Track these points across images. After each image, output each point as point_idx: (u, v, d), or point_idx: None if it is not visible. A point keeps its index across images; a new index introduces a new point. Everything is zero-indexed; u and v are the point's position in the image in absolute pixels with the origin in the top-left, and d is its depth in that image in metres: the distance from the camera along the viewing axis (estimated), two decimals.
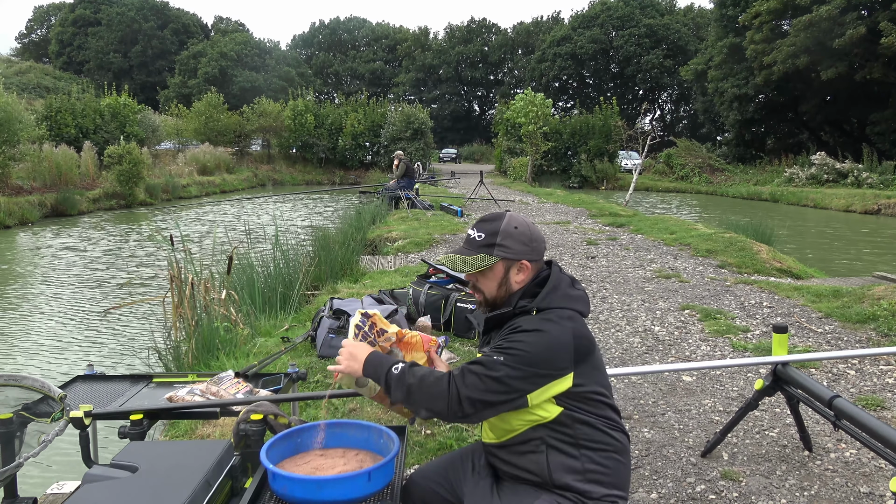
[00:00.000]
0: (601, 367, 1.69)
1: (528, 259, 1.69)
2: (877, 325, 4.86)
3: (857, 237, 14.59)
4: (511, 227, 1.69)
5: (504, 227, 1.69)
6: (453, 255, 1.73)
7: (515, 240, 1.68)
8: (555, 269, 1.73)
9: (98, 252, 11.65)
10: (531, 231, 1.71)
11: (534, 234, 1.71)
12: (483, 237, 1.69)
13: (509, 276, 1.69)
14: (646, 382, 3.90)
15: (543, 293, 1.66)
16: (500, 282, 1.69)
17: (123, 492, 1.48)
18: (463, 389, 1.55)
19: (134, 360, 5.67)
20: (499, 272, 1.69)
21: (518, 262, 1.68)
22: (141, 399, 2.45)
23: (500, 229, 1.68)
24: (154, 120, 30.68)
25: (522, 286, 1.70)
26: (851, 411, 2.32)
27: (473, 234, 1.71)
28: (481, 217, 1.76)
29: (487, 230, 1.69)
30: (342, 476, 1.59)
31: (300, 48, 72.26)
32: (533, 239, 1.70)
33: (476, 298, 1.77)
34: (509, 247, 1.67)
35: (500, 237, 1.67)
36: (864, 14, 25.33)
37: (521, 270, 1.69)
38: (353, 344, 1.73)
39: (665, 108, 59.21)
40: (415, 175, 17.00)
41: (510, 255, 1.67)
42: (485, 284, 1.71)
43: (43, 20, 69.46)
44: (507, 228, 1.68)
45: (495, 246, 1.67)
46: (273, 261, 6.57)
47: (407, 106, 37.50)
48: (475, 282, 1.74)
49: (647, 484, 2.76)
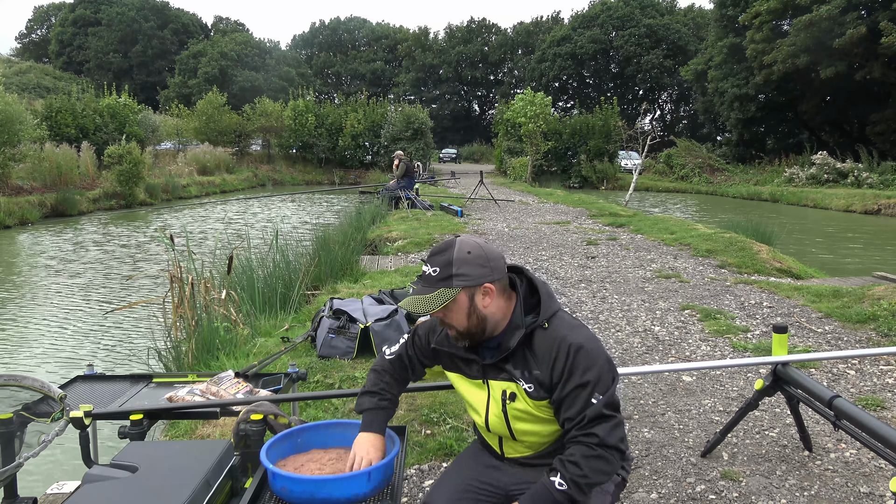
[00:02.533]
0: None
1: (490, 281, 1.62)
2: (877, 325, 4.86)
3: (858, 237, 14.59)
4: (464, 254, 1.61)
5: (457, 255, 1.60)
6: (413, 297, 1.64)
7: (472, 265, 1.60)
8: (530, 274, 1.72)
9: (98, 252, 11.65)
10: (485, 251, 1.64)
11: (489, 254, 1.64)
12: (438, 271, 1.61)
13: (475, 303, 1.62)
14: (646, 382, 3.90)
15: (544, 303, 1.65)
16: (467, 312, 1.62)
17: (123, 492, 1.48)
18: (610, 440, 1.56)
19: (134, 361, 5.66)
20: (463, 303, 1.62)
21: (481, 287, 1.61)
22: (141, 399, 2.45)
23: (453, 259, 1.60)
24: (154, 120, 30.67)
25: (495, 309, 1.64)
26: (851, 411, 2.32)
27: (428, 271, 1.63)
28: (431, 250, 1.68)
29: (441, 262, 1.62)
30: (342, 476, 1.59)
31: (300, 48, 72.28)
32: (489, 259, 1.63)
33: (451, 334, 1.70)
34: (467, 274, 1.60)
35: (456, 267, 1.59)
36: (864, 14, 25.33)
37: (486, 294, 1.62)
38: None
39: (665, 108, 59.21)
40: (415, 175, 17.00)
41: (470, 282, 1.60)
42: (453, 318, 1.64)
43: (43, 20, 69.50)
44: (461, 256, 1.60)
45: (452, 277, 1.59)
46: (273, 261, 6.57)
47: (407, 106, 37.51)
48: (443, 318, 1.66)
49: (647, 484, 2.76)
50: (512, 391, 1.68)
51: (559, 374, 1.59)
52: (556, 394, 1.61)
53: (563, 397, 1.59)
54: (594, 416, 1.56)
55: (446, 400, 3.50)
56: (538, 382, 1.63)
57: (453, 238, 1.67)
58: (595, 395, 1.56)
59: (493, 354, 1.69)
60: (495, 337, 1.68)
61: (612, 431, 1.57)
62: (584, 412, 1.57)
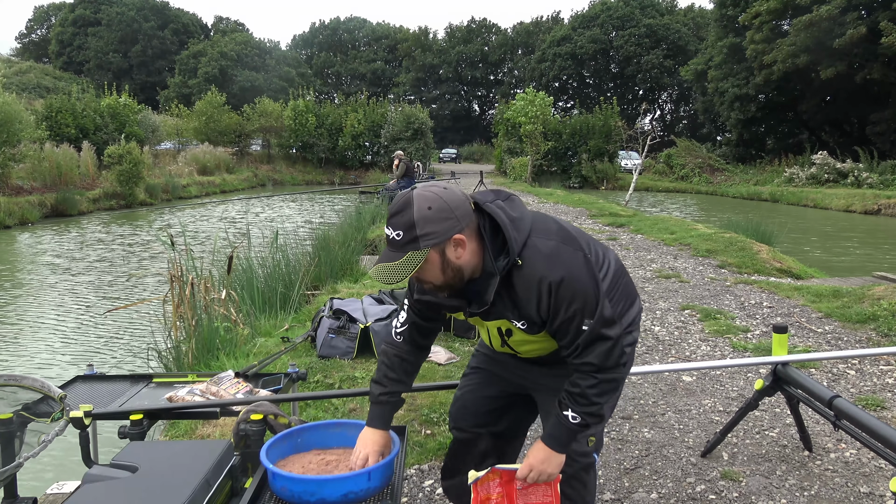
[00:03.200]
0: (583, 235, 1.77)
1: (458, 231, 1.50)
2: (877, 325, 4.86)
3: (857, 237, 14.58)
4: (425, 210, 1.48)
5: (417, 215, 1.48)
6: (381, 265, 1.52)
7: (436, 221, 1.48)
8: (490, 209, 1.57)
9: (98, 252, 11.65)
10: (447, 201, 1.50)
11: (451, 202, 1.51)
12: (402, 234, 1.49)
13: (447, 257, 1.52)
14: (646, 382, 3.90)
15: (510, 239, 1.54)
16: (441, 267, 1.53)
17: (123, 492, 1.48)
18: (608, 363, 1.61)
19: (134, 360, 5.66)
20: (435, 260, 1.52)
21: (451, 240, 1.50)
22: (141, 399, 2.45)
23: (414, 219, 1.48)
24: (154, 120, 30.66)
25: (469, 256, 1.55)
26: (851, 411, 2.32)
27: (392, 234, 1.51)
28: (390, 210, 1.55)
29: (403, 224, 1.49)
30: (342, 476, 1.59)
31: (300, 48, 72.29)
32: (453, 208, 1.50)
33: (428, 288, 1.63)
34: (433, 231, 1.48)
35: (419, 227, 1.47)
36: (864, 14, 25.32)
37: (458, 245, 1.52)
38: (541, 460, 1.69)
39: (665, 108, 59.20)
40: (415, 175, 17.00)
41: (438, 239, 1.48)
42: (428, 276, 1.56)
43: (43, 20, 69.50)
44: (422, 214, 1.48)
45: (418, 239, 1.48)
46: (273, 261, 6.57)
47: (407, 106, 37.51)
48: (417, 279, 1.58)
49: (647, 484, 2.76)
50: (507, 328, 1.71)
51: (545, 311, 1.58)
52: (548, 327, 1.63)
53: (556, 330, 1.62)
54: (587, 343, 1.59)
55: (446, 400, 3.50)
56: (530, 320, 1.62)
57: (410, 193, 1.53)
58: (585, 322, 1.57)
59: (477, 302, 1.63)
60: (476, 281, 1.61)
61: (608, 355, 1.60)
62: (576, 341, 1.60)
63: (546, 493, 1.74)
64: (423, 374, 3.98)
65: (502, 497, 1.73)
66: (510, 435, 2.05)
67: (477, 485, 1.71)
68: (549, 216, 1.73)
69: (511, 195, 1.67)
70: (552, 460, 1.68)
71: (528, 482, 1.71)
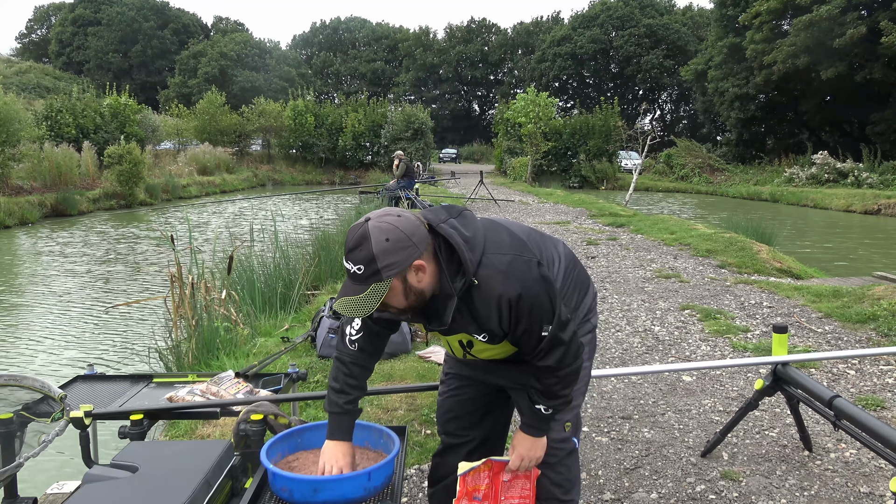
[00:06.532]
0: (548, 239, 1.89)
1: (418, 256, 1.51)
2: (877, 325, 4.86)
3: (857, 237, 14.58)
4: (383, 242, 1.47)
5: (376, 249, 1.47)
6: (345, 299, 1.51)
7: (395, 252, 1.48)
8: (443, 230, 1.57)
9: (98, 252, 11.65)
10: (402, 229, 1.50)
11: (407, 230, 1.51)
12: (363, 269, 1.48)
13: (409, 283, 1.53)
14: (646, 382, 3.90)
15: (465, 260, 1.54)
16: (404, 293, 1.55)
17: (123, 492, 1.48)
18: (567, 360, 1.68)
19: (134, 360, 5.66)
20: (398, 287, 1.53)
21: (411, 267, 1.51)
22: (141, 399, 2.45)
23: (374, 253, 1.47)
24: (154, 120, 30.64)
25: (430, 278, 1.56)
26: (851, 411, 2.32)
27: (353, 269, 1.50)
28: (347, 245, 1.53)
29: (363, 259, 1.48)
30: (342, 476, 1.59)
31: (300, 48, 72.25)
32: (409, 235, 1.50)
33: (392, 313, 1.64)
34: (394, 262, 1.48)
35: (380, 260, 1.47)
36: (865, 14, 25.31)
37: (418, 271, 1.53)
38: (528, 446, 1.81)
39: (665, 108, 59.18)
40: (415, 175, 17.00)
41: (399, 268, 1.49)
42: (393, 303, 1.57)
43: (43, 20, 69.43)
44: (380, 246, 1.47)
45: (380, 271, 1.47)
46: (273, 261, 6.57)
47: (407, 106, 37.50)
48: (382, 306, 1.57)
49: (647, 484, 2.76)
50: (469, 340, 1.74)
51: (507, 325, 1.62)
52: (510, 337, 1.67)
53: (518, 340, 1.67)
54: (549, 348, 1.65)
55: None
56: (491, 333, 1.65)
57: (365, 226, 1.51)
58: (544, 328, 1.62)
59: (436, 321, 1.63)
60: (435, 298, 1.60)
61: (565, 356, 1.67)
62: (538, 347, 1.65)
63: (525, 488, 1.87)
64: (423, 374, 3.98)
65: (489, 488, 1.83)
66: (495, 436, 2.07)
67: (465, 477, 1.78)
68: (501, 225, 1.74)
69: (463, 210, 1.67)
70: (537, 444, 1.81)
71: (519, 471, 1.83)
